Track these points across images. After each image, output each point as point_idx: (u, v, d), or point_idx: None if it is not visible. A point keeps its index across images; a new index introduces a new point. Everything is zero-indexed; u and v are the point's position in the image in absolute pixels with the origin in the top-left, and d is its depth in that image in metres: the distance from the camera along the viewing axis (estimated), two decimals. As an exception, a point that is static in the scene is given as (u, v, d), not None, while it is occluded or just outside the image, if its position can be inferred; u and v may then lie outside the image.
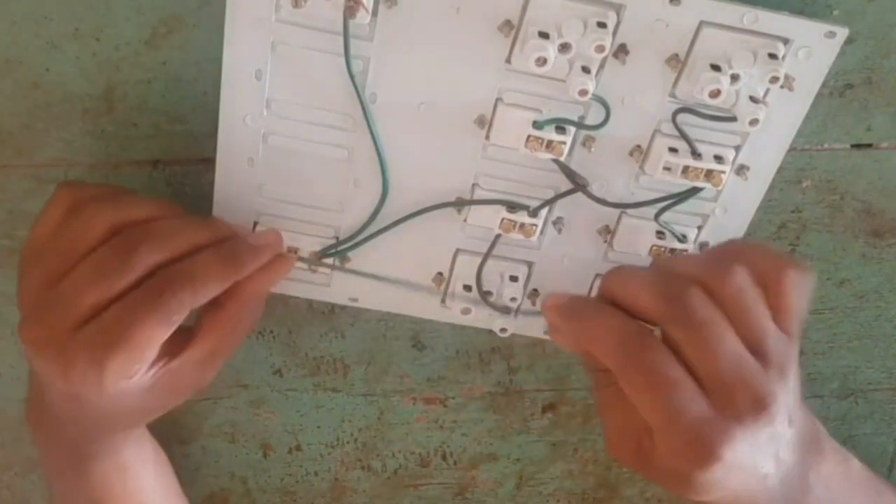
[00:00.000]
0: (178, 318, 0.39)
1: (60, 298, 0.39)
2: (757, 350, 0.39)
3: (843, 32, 0.40)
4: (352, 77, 0.41)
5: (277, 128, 0.43)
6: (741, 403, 0.38)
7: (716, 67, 0.40)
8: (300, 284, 0.48)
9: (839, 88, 0.43)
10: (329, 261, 0.47)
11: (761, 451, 0.40)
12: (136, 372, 0.40)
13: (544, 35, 0.39)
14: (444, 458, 0.58)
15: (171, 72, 0.43)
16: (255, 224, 0.46)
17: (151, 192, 0.47)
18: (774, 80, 0.39)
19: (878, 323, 0.51)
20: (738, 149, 0.43)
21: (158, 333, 0.39)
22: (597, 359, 0.41)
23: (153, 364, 0.41)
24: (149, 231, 0.40)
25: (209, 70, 0.41)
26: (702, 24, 0.40)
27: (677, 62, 0.41)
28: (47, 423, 0.46)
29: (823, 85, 0.43)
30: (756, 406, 0.38)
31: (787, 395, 0.39)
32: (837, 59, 0.42)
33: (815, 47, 0.40)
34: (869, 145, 0.45)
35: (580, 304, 0.42)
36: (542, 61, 0.39)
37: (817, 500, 0.44)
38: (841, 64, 0.42)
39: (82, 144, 0.45)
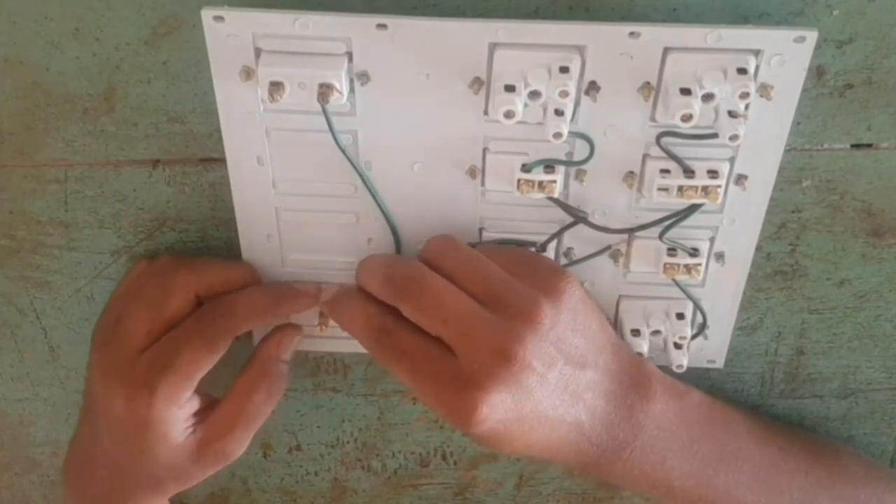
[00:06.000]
0: (221, 345, 0.44)
1: (122, 331, 0.45)
2: (494, 305, 0.40)
3: (812, 35, 0.39)
4: (343, 151, 0.42)
5: (287, 204, 0.45)
6: (484, 359, 0.39)
7: (685, 91, 0.39)
8: (333, 341, 0.49)
9: (839, 88, 0.43)
10: None
11: (539, 397, 0.40)
12: (183, 399, 0.45)
13: (510, 88, 0.39)
14: (444, 458, 0.58)
15: (171, 72, 0.43)
16: None
17: (151, 192, 0.47)
18: (745, 95, 0.39)
19: (878, 323, 0.51)
20: (732, 160, 0.43)
21: (203, 357, 0.44)
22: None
23: (189, 416, 0.46)
24: (184, 262, 0.46)
25: (209, 70, 0.41)
26: (666, 50, 0.40)
27: (650, 89, 0.40)
28: (85, 476, 0.49)
29: (823, 85, 0.43)
30: (500, 357, 0.39)
31: (538, 340, 0.40)
32: (837, 59, 0.42)
33: (786, 54, 0.39)
34: (869, 145, 0.45)
35: (338, 296, 0.44)
36: (510, 114, 0.39)
37: (650, 439, 0.44)
38: (841, 64, 0.42)
39: (82, 144, 0.45)
